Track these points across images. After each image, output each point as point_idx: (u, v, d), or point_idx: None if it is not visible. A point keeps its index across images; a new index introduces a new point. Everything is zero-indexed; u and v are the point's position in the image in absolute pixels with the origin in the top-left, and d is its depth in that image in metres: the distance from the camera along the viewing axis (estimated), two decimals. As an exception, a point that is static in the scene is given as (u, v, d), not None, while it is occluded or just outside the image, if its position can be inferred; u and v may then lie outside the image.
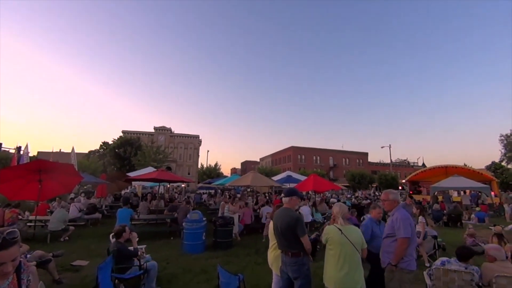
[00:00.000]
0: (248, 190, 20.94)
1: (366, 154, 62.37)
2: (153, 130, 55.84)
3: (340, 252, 2.56)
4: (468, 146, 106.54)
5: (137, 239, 4.37)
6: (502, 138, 35.36)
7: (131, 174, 15.45)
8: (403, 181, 30.22)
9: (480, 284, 3.37)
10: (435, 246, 5.89)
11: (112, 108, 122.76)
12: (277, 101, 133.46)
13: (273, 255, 3.23)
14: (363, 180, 43.80)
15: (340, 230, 2.59)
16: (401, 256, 2.70)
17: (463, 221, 11.45)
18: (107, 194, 14.47)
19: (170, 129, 56.90)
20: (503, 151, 35.79)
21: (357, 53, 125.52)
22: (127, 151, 33.90)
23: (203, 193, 24.84)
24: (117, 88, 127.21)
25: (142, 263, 3.94)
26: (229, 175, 42.53)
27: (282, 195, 3.03)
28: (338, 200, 15.66)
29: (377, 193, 30.89)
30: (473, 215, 12.84)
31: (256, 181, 10.63)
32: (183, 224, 6.76)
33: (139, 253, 4.22)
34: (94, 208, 10.76)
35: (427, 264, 5.32)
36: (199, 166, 58.58)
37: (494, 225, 6.34)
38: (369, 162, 61.69)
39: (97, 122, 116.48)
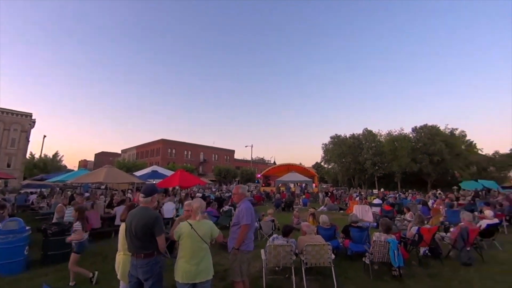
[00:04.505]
0: (102, 187, 17.79)
1: (233, 152, 68.67)
2: None
3: (188, 246, 2.72)
4: (304, 148, 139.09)
5: None
6: (323, 145, 49.41)
7: None
8: (259, 175, 35.65)
9: (297, 252, 4.58)
10: (273, 227, 7.35)
11: None
12: (148, 91, 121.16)
13: (121, 259, 2.99)
14: (228, 175, 47.93)
15: (190, 225, 2.75)
16: (243, 240, 3.21)
17: (294, 206, 15.01)
18: None
19: (-27, 101, 38.26)
20: (322, 155, 49.92)
21: (233, 54, 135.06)
22: None
23: (31, 193, 18.68)
24: None
25: None
26: (76, 168, 34.24)
27: (141, 194, 2.82)
28: (203, 195, 16.35)
29: (238, 187, 34.60)
30: (300, 201, 17.12)
31: (112, 177, 9.23)
32: (-10, 238, 4.86)
33: None
34: None
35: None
36: (28, 155, 43.47)
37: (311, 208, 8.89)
38: (235, 159, 68.32)
39: None
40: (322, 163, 54.68)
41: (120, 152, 68.48)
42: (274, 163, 63.12)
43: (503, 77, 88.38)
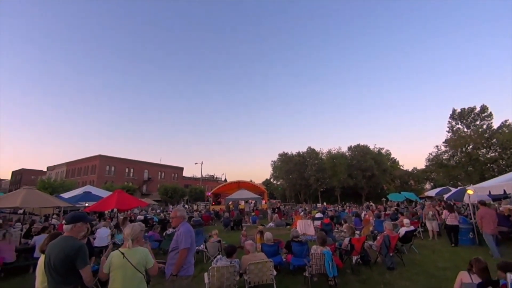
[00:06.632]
0: (19, 212, 14.91)
1: (181, 169, 65.45)
2: None
3: (120, 277, 2.52)
4: (255, 165, 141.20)
5: None
6: (272, 163, 51.82)
7: None
8: (209, 194, 34.71)
9: (241, 271, 4.59)
10: (219, 248, 7.20)
11: None
12: (85, 102, 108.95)
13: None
14: (175, 194, 45.32)
15: (123, 254, 2.56)
16: (181, 265, 3.09)
17: (243, 224, 14.96)
18: None
19: None
20: (272, 171, 52.06)
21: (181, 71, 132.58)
22: None
23: None
24: None
25: None
26: (-20, 192, 27.97)
27: (63, 221, 2.55)
28: (145, 217, 15.08)
29: (186, 206, 33.04)
30: (250, 219, 17.18)
31: (31, 201, 7.88)
32: None
33: None
34: None
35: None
36: None
37: (261, 225, 9.06)
38: (184, 177, 65.16)
39: None
40: (271, 180, 56.66)
41: (45, 169, 58.80)
42: (225, 180, 62.42)
43: (416, 108, 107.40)
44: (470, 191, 8.67)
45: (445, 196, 12.66)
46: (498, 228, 7.90)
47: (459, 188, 12.54)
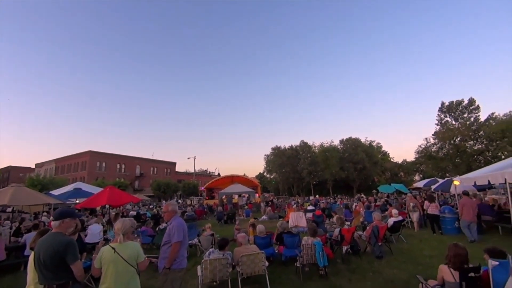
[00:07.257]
0: (8, 210, 14.61)
1: (174, 164, 65.02)
2: None
3: (112, 271, 2.53)
4: (249, 159, 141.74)
5: None
6: (265, 156, 52.15)
7: None
8: (202, 188, 34.69)
9: (233, 263, 4.66)
10: (212, 242, 7.26)
11: None
12: (74, 96, 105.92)
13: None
14: (168, 189, 45.13)
15: (113, 248, 2.57)
16: (174, 258, 3.13)
17: (236, 218, 15.09)
18: None
19: None
20: (265, 165, 52.47)
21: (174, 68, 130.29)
22: None
23: None
24: None
25: None
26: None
27: (51, 218, 2.53)
28: (138, 213, 15.02)
29: (180, 201, 33.00)
30: (243, 212, 17.32)
31: (20, 198, 7.72)
32: None
33: None
34: None
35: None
36: None
37: (254, 218, 9.17)
38: (177, 172, 64.77)
39: None
40: (265, 173, 57.10)
41: (34, 166, 57.45)
42: (219, 174, 62.38)
43: (407, 101, 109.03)
44: (456, 182, 8.97)
45: (433, 187, 13.03)
46: (483, 217, 8.28)
47: (446, 179, 12.92)
